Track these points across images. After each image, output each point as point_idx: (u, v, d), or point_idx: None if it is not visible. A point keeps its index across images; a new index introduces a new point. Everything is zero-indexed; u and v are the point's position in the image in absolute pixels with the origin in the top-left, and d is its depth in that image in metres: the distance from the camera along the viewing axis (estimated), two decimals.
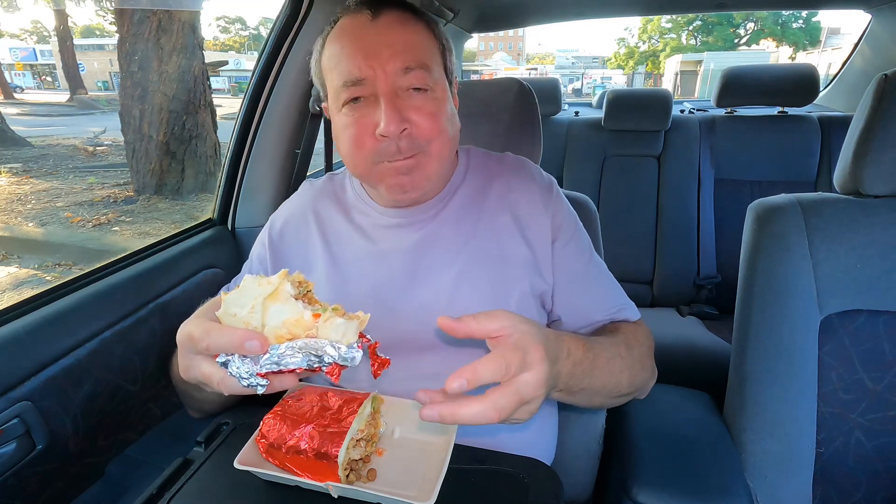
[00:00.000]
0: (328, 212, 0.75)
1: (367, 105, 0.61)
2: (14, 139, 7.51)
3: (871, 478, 0.72)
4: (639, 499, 0.65)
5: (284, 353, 0.43)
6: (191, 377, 0.49)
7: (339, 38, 0.62)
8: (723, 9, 1.74)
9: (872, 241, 0.70)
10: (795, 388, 0.72)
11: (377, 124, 0.59)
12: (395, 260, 0.68)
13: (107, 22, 22.70)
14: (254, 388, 0.45)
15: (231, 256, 1.05)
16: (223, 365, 0.45)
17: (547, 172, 0.77)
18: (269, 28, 1.03)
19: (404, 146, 0.61)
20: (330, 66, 0.63)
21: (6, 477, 0.60)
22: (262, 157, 1.07)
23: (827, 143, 1.73)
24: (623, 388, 0.62)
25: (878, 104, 0.69)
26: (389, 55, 0.59)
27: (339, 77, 0.61)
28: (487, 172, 0.74)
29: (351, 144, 0.62)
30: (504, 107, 0.93)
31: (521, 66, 49.63)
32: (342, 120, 0.63)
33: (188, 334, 0.47)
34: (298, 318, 0.43)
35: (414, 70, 0.60)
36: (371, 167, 0.63)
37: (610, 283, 0.72)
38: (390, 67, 0.59)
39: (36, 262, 4.03)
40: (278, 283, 0.43)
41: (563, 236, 0.70)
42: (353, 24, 0.62)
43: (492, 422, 0.42)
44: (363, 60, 0.59)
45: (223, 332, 0.44)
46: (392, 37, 0.61)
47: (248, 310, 0.43)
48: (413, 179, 0.63)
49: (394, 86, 0.60)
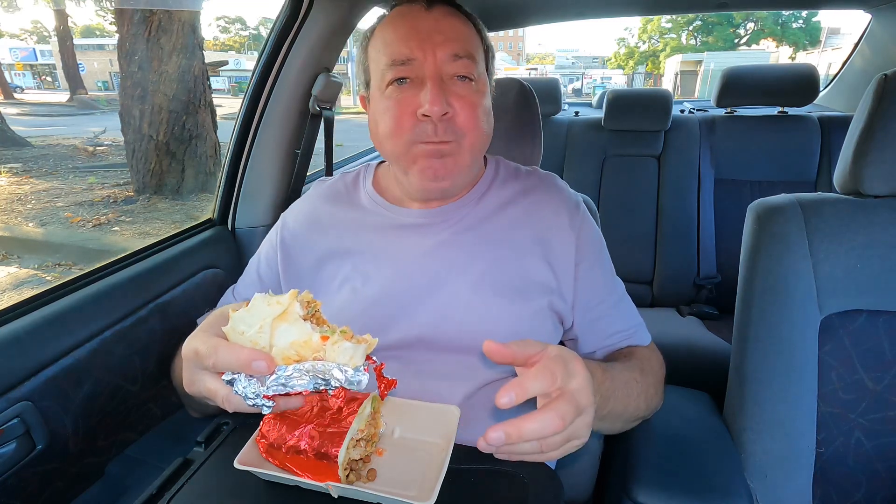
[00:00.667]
0: (342, 212, 0.75)
1: (411, 87, 0.63)
2: (14, 139, 7.51)
3: (871, 478, 0.72)
4: (639, 499, 0.65)
5: (292, 376, 0.43)
6: (195, 391, 0.48)
7: (391, 23, 0.65)
8: (723, 9, 1.74)
9: (872, 241, 0.70)
10: (795, 388, 0.72)
11: (419, 105, 0.61)
12: (411, 261, 0.68)
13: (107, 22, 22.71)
14: (259, 408, 0.44)
15: (231, 256, 1.05)
16: (229, 383, 0.45)
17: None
18: (269, 28, 1.03)
19: (441, 130, 0.62)
20: (377, 46, 0.65)
21: (6, 477, 0.60)
22: (262, 157, 1.07)
23: (827, 143, 1.73)
24: (640, 411, 0.64)
25: (878, 104, 0.69)
26: (441, 41, 0.62)
27: (388, 57, 0.63)
28: (515, 185, 0.74)
29: (391, 124, 0.63)
30: (505, 107, 0.93)
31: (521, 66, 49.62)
32: (383, 103, 0.64)
33: (194, 350, 0.46)
34: (307, 339, 0.43)
35: (462, 59, 0.62)
36: (407, 148, 0.64)
37: (627, 306, 0.73)
38: (440, 53, 0.61)
39: (36, 262, 4.03)
40: (288, 304, 0.43)
41: (587, 259, 0.70)
42: (407, 11, 0.65)
43: (557, 431, 0.42)
44: (414, 42, 0.61)
45: (230, 350, 0.44)
46: (444, 25, 0.63)
47: (256, 329, 0.43)
48: (446, 165, 0.64)
49: (440, 70, 0.62)
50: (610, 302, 0.71)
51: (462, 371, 0.65)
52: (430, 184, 0.65)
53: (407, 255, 0.68)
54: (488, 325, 0.65)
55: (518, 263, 0.67)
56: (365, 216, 0.73)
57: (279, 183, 1.12)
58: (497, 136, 0.93)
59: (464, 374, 0.65)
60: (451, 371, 0.65)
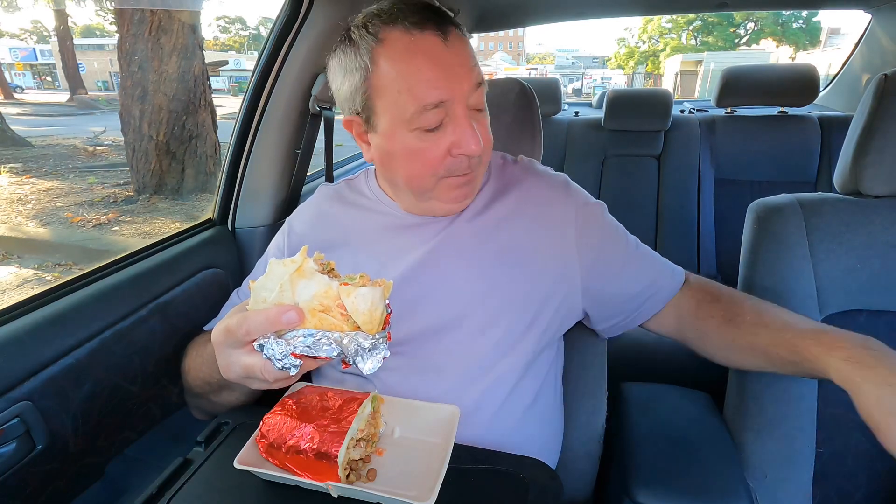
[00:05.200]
0: (347, 213, 0.75)
1: (444, 127, 0.61)
2: (14, 139, 7.50)
3: (871, 478, 0.72)
4: (639, 499, 0.65)
5: (320, 340, 0.44)
6: (233, 375, 0.49)
7: (411, 61, 0.58)
8: (723, 9, 1.74)
9: (872, 241, 0.70)
10: (795, 388, 0.72)
11: (453, 145, 0.60)
12: (416, 259, 0.68)
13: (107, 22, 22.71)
14: (287, 369, 0.45)
15: (231, 256, 1.05)
16: (260, 349, 0.45)
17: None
18: (269, 28, 1.02)
19: (474, 162, 0.63)
20: (397, 87, 0.59)
21: (6, 477, 0.60)
22: (262, 157, 1.07)
23: (827, 143, 1.73)
24: None
25: (878, 104, 0.69)
26: (464, 73, 0.60)
27: (417, 101, 0.58)
28: (504, 175, 0.75)
29: (424, 165, 0.62)
30: (505, 107, 0.94)
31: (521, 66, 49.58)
32: (413, 143, 0.61)
33: (224, 329, 0.47)
34: (327, 289, 0.44)
35: (481, 85, 0.62)
36: (436, 182, 0.64)
37: (641, 262, 0.73)
38: (465, 85, 0.60)
39: (36, 261, 4.03)
40: (302, 260, 0.44)
41: (589, 233, 0.71)
42: (424, 45, 0.58)
43: None
44: (444, 83, 0.58)
45: (259, 313, 0.44)
46: (463, 55, 0.61)
47: (277, 291, 0.44)
48: (471, 189, 0.67)
49: (467, 104, 0.61)
50: (622, 263, 0.71)
51: (463, 363, 0.66)
52: (457, 206, 0.68)
53: (410, 254, 0.69)
54: (492, 318, 0.66)
55: (520, 247, 0.69)
56: (369, 216, 0.74)
57: (279, 183, 1.12)
58: (497, 136, 0.93)
59: (465, 374, 0.65)
60: (452, 369, 0.65)
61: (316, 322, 0.44)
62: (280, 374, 0.46)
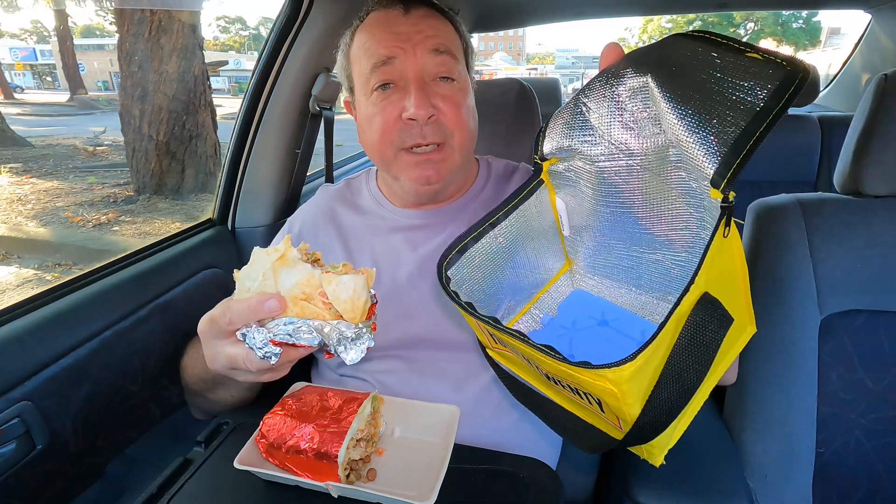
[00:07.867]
0: (346, 215, 0.75)
1: (395, 91, 0.63)
2: (14, 139, 7.50)
3: (871, 478, 0.72)
4: (639, 499, 0.65)
5: (300, 328, 0.44)
6: (218, 366, 0.49)
7: (369, 27, 0.65)
8: (723, 9, 1.74)
9: (872, 241, 0.70)
10: (795, 389, 0.72)
11: (404, 109, 0.61)
12: (414, 261, 0.68)
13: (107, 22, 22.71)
14: (268, 357, 0.45)
15: (231, 256, 1.05)
16: (242, 338, 0.45)
17: None
18: (269, 28, 1.02)
19: (429, 132, 0.62)
20: (359, 54, 0.65)
21: (6, 477, 0.60)
22: (262, 157, 1.07)
23: (827, 143, 1.73)
24: None
25: (878, 104, 0.69)
26: (420, 39, 0.62)
27: (369, 60, 0.63)
28: (508, 182, 0.75)
29: (378, 130, 0.64)
30: (505, 107, 0.94)
31: (521, 66, 49.60)
32: (369, 109, 0.64)
33: (208, 319, 0.47)
34: (309, 277, 0.44)
35: (443, 54, 0.63)
36: (395, 154, 0.64)
37: None
38: (420, 50, 0.62)
39: (36, 261, 4.03)
40: (285, 249, 0.45)
41: None
42: (385, 15, 0.65)
43: None
44: (394, 42, 0.62)
45: (241, 301, 0.44)
46: (423, 24, 0.63)
47: (260, 279, 0.44)
48: (439, 171, 0.65)
49: (423, 71, 0.62)
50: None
51: (463, 370, 0.65)
52: (423, 187, 0.66)
53: (408, 256, 0.69)
54: None
55: None
56: (367, 219, 0.74)
57: (279, 183, 1.12)
58: (497, 136, 0.93)
59: (465, 374, 0.65)
60: (452, 370, 0.65)
61: (298, 311, 0.44)
62: (262, 364, 0.46)
